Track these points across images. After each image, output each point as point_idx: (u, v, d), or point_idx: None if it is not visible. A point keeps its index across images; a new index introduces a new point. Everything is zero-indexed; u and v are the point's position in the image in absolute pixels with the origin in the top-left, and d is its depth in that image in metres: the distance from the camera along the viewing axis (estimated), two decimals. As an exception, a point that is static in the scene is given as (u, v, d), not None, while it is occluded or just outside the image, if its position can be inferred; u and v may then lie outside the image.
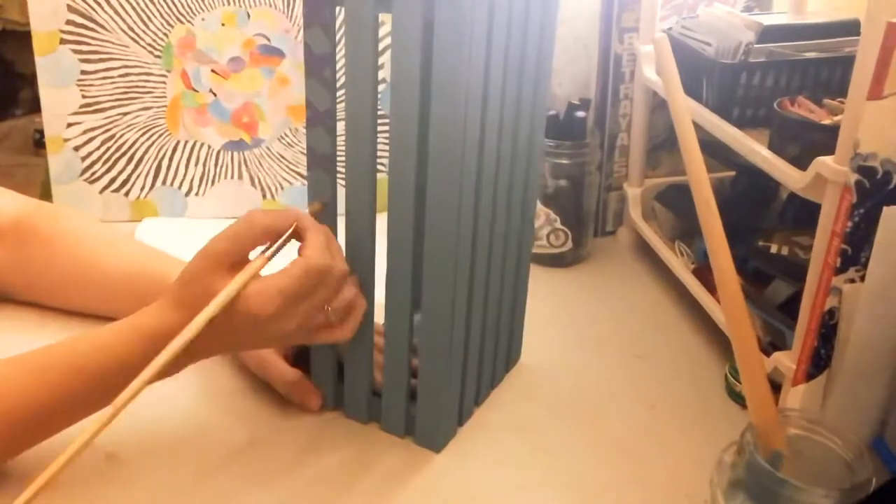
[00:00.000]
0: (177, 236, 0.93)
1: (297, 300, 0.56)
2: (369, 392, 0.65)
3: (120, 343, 0.57)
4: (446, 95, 0.54)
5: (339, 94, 0.58)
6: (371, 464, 0.62)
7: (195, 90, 0.95)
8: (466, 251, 0.60)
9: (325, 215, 0.61)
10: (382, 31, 0.60)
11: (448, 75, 0.53)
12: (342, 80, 0.58)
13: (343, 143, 0.59)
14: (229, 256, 0.56)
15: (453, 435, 0.65)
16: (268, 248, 0.57)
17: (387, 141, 0.57)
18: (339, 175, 0.60)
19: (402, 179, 0.57)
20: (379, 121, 0.58)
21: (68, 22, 0.90)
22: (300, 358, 0.69)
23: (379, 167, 0.59)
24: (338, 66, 0.58)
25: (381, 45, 0.58)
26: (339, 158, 0.60)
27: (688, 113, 0.50)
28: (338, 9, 0.56)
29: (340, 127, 0.59)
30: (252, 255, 0.57)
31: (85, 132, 0.94)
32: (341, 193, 0.61)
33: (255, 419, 0.66)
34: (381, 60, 0.57)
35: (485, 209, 0.61)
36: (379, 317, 0.63)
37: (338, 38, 0.57)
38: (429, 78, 0.54)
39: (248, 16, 0.94)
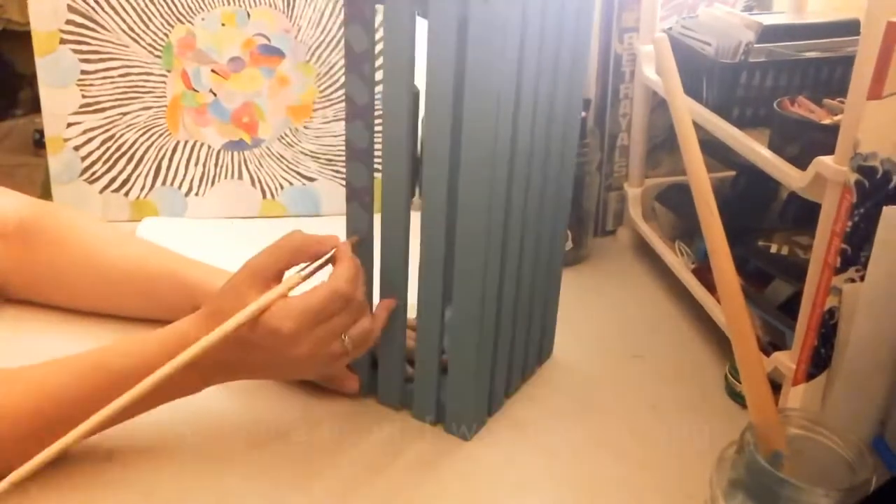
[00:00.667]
0: (177, 236, 0.93)
1: (317, 321, 0.58)
2: (402, 382, 0.67)
3: (147, 350, 0.58)
4: (480, 91, 0.55)
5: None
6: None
7: (195, 90, 0.95)
8: (497, 247, 0.61)
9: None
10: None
11: (481, 73, 0.54)
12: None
13: (380, 137, 0.60)
14: (266, 270, 0.58)
15: (483, 425, 0.67)
16: (305, 269, 0.60)
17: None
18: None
19: (437, 176, 0.58)
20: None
21: (68, 22, 0.90)
22: None
23: None
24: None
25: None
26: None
27: (688, 113, 0.50)
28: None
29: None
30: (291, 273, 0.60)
31: (85, 132, 0.94)
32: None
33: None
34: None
35: (516, 206, 0.62)
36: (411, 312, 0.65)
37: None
38: (462, 75, 0.55)
39: (248, 16, 0.94)
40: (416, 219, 0.61)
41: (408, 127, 0.58)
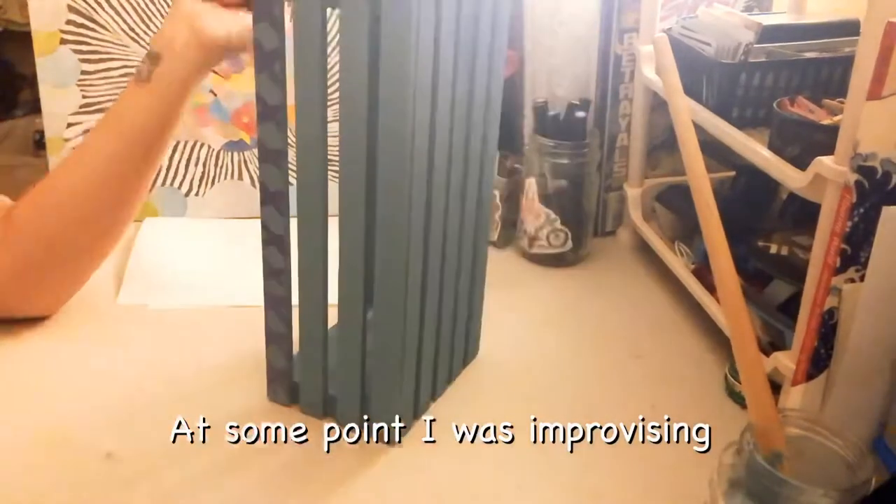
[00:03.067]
0: (179, 236, 0.93)
1: None
2: (324, 388, 0.65)
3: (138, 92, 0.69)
4: (394, 90, 0.53)
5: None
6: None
7: (195, 90, 0.95)
8: (418, 245, 0.59)
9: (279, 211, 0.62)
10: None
11: (395, 70, 0.53)
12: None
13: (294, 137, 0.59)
14: None
15: (410, 428, 0.65)
16: None
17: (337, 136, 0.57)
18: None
19: (353, 175, 0.57)
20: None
21: (68, 22, 0.90)
22: None
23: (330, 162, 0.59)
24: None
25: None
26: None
27: (688, 113, 0.50)
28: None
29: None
30: None
31: (85, 132, 0.94)
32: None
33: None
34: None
35: (437, 204, 0.61)
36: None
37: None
38: (376, 73, 0.54)
39: (248, 16, 0.94)
40: (332, 221, 0.60)
41: (322, 126, 0.57)
